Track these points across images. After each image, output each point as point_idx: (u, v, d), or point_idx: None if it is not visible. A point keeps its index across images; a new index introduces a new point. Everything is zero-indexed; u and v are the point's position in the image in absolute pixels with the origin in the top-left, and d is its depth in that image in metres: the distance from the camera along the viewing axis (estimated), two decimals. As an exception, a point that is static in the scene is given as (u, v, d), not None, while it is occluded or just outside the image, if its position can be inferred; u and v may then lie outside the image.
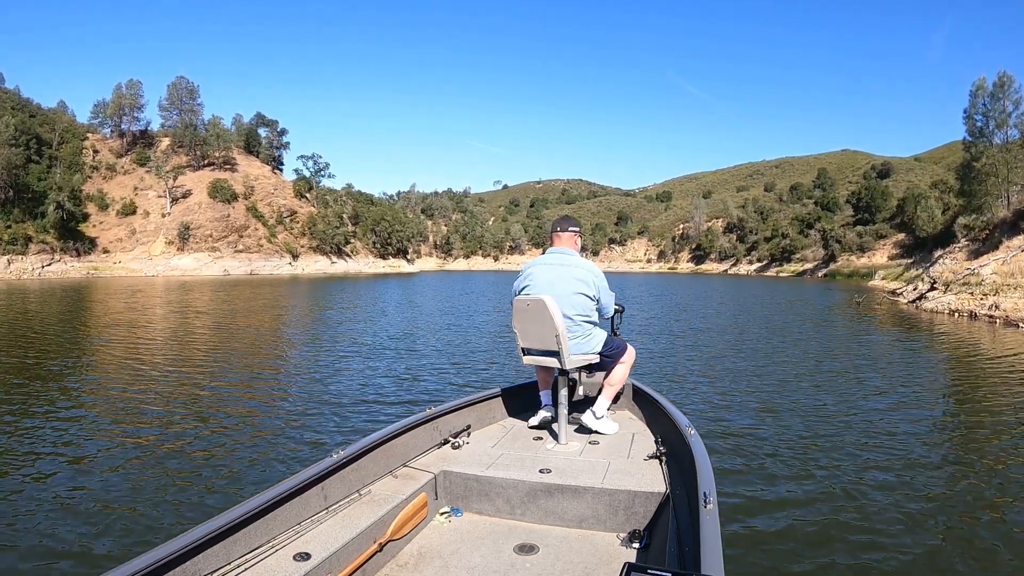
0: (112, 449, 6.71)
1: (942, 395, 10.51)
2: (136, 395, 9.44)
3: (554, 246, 4.38)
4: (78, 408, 8.61)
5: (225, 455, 6.54)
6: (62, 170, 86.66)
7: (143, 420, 8.00)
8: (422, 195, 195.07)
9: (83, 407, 8.68)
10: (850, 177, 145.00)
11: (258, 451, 6.67)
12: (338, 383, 10.55)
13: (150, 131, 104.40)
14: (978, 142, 53.11)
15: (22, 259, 71.21)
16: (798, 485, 5.79)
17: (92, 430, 7.45)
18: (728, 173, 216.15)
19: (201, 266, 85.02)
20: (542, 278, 4.22)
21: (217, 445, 6.90)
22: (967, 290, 27.52)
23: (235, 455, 6.54)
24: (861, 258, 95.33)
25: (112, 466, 6.12)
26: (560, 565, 2.88)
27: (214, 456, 6.50)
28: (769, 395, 9.78)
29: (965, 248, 41.24)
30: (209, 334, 17.97)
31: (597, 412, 4.28)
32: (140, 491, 5.49)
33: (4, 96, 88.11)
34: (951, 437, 7.73)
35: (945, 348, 16.10)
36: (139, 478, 5.81)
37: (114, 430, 7.48)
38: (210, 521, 2.39)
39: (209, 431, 7.50)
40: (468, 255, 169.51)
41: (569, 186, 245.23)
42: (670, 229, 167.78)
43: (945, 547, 4.62)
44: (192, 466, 6.18)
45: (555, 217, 4.74)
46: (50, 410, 8.38)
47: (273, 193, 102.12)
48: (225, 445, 6.90)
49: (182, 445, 6.87)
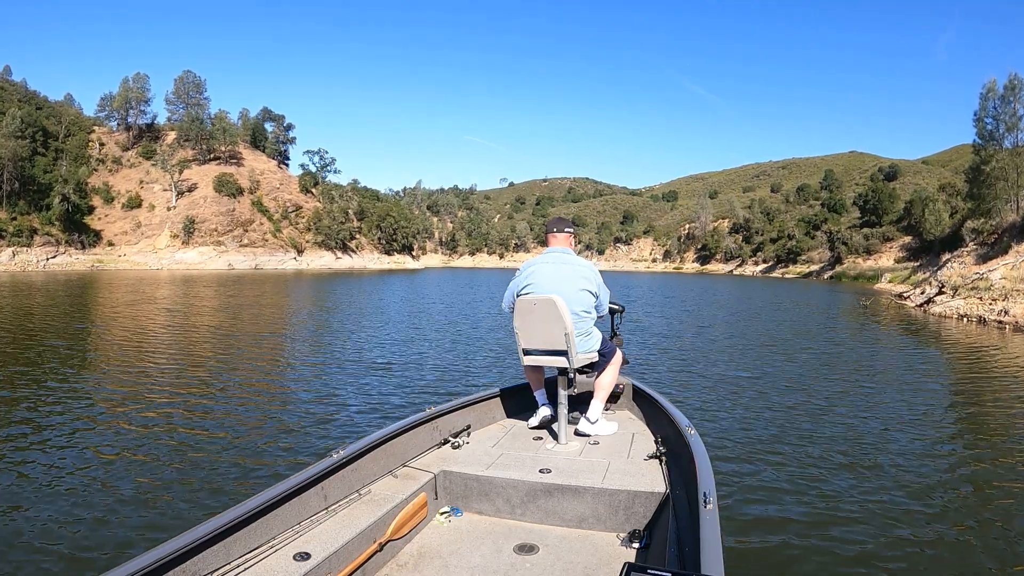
0: (113, 444, 6.70)
1: (949, 401, 10.39)
2: (137, 390, 9.47)
3: (551, 246, 4.41)
4: (80, 399, 8.61)
5: (226, 455, 6.53)
6: (68, 162, 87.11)
7: (144, 415, 7.99)
8: (428, 192, 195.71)
9: (86, 399, 8.68)
10: (857, 179, 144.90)
11: (259, 451, 6.65)
12: (340, 382, 10.56)
13: (156, 125, 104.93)
14: (988, 145, 52.98)
15: (27, 251, 71.54)
16: (799, 485, 5.76)
17: (94, 423, 7.46)
18: (734, 173, 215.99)
19: (206, 260, 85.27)
20: (546, 276, 4.23)
21: (218, 445, 6.89)
22: (976, 295, 27.42)
23: (236, 454, 6.53)
24: (867, 260, 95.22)
25: (113, 461, 6.12)
26: (560, 565, 2.88)
27: (214, 456, 6.48)
28: (771, 396, 9.74)
29: (973, 252, 41.17)
30: (211, 330, 17.99)
31: (591, 417, 4.28)
32: (140, 489, 5.48)
33: (11, 88, 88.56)
34: (957, 443, 7.68)
35: (954, 354, 16.03)
36: (140, 477, 5.80)
37: (116, 424, 7.48)
38: (210, 521, 2.37)
39: (211, 429, 7.50)
40: (473, 252, 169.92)
41: (575, 184, 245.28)
42: (676, 229, 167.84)
43: (946, 548, 4.59)
44: (193, 466, 6.16)
45: (551, 218, 4.77)
46: (53, 402, 8.39)
47: (279, 188, 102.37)
48: (226, 445, 6.89)
49: (183, 444, 6.86)
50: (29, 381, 9.78)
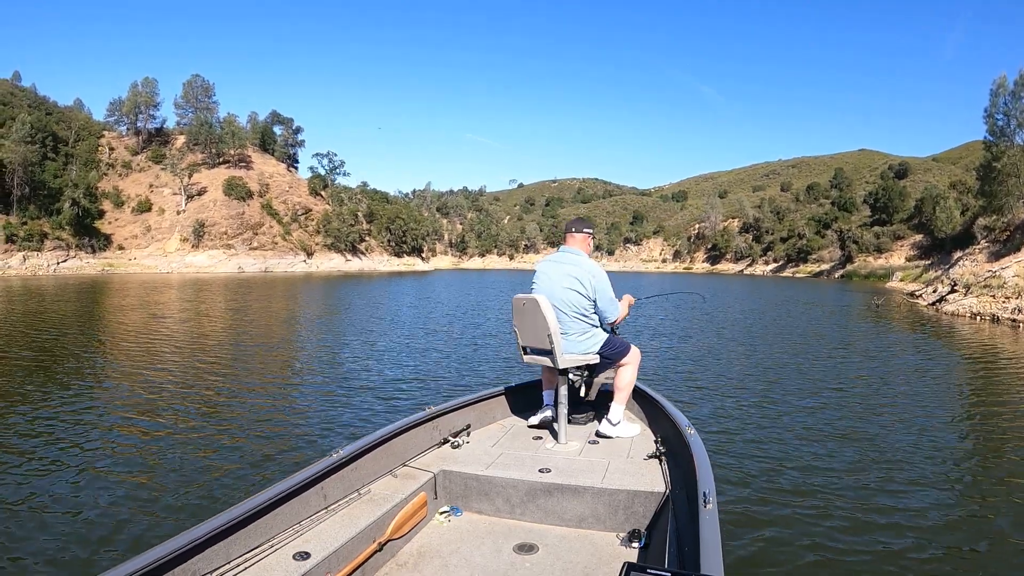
0: (121, 446, 6.75)
1: (960, 401, 10.24)
2: (145, 392, 9.50)
3: (565, 245, 4.44)
4: (91, 401, 8.67)
5: (227, 455, 6.58)
6: (78, 167, 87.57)
7: (151, 416, 8.04)
8: (437, 193, 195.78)
9: (97, 401, 8.73)
10: (867, 177, 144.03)
11: (259, 451, 6.68)
12: (344, 381, 10.56)
13: (165, 129, 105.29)
14: (999, 141, 52.49)
15: (37, 255, 71.85)
16: (799, 485, 5.72)
17: (104, 425, 7.52)
18: (744, 173, 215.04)
19: (215, 263, 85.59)
20: (545, 275, 4.32)
21: (220, 445, 6.93)
22: (988, 292, 27.19)
23: (237, 455, 6.57)
24: (878, 259, 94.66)
25: (118, 462, 6.17)
26: (560, 565, 2.88)
27: (215, 457, 6.52)
28: (773, 395, 9.66)
29: (985, 249, 40.76)
30: (220, 333, 18.06)
31: (613, 419, 4.27)
32: (143, 489, 5.50)
33: (20, 94, 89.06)
34: (967, 444, 7.58)
35: (966, 353, 15.85)
36: (142, 478, 5.83)
37: (123, 426, 7.54)
38: (210, 520, 2.39)
39: (213, 429, 7.55)
40: (483, 254, 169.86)
41: (584, 185, 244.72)
42: (685, 229, 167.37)
43: (951, 551, 4.52)
44: (193, 466, 6.19)
45: (571, 217, 4.78)
46: (63, 405, 8.44)
47: (288, 191, 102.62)
48: (227, 446, 6.92)
49: (186, 444, 6.91)
50: (38, 382, 9.85)
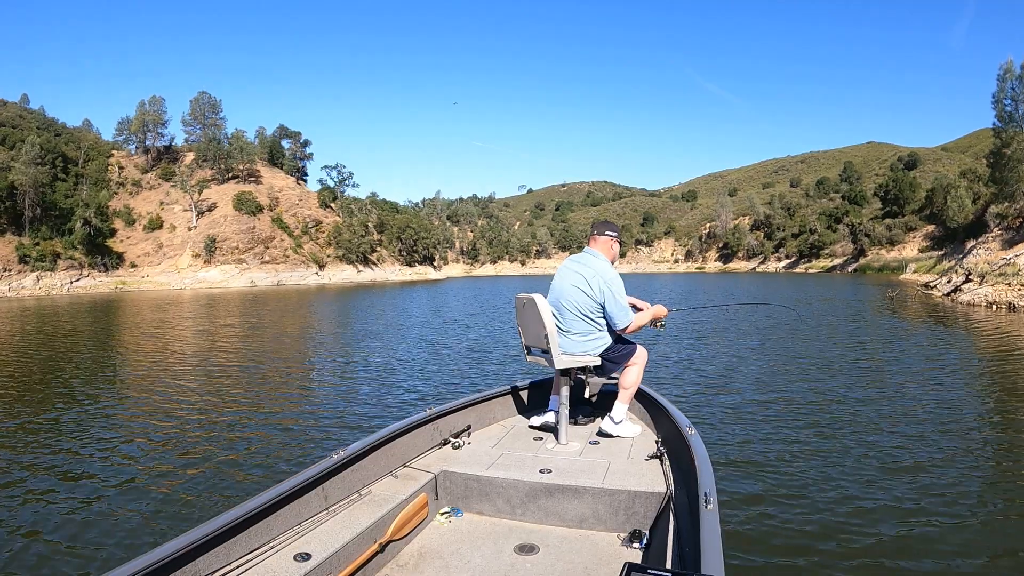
0: (128, 453, 6.78)
1: (976, 395, 9.89)
2: (159, 406, 9.55)
3: (588, 247, 4.44)
4: (109, 410, 8.71)
5: (230, 457, 6.67)
6: (88, 187, 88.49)
7: (162, 419, 8.07)
8: (447, 201, 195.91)
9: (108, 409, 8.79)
10: (876, 169, 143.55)
11: (260, 452, 6.79)
12: (351, 385, 10.57)
13: (174, 146, 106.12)
14: (1008, 127, 52.13)
15: (51, 275, 72.54)
16: (800, 485, 5.65)
17: (121, 432, 7.56)
18: (753, 170, 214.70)
19: (228, 278, 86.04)
20: (560, 274, 4.36)
21: (223, 447, 7.02)
22: (1004, 280, 26.92)
23: (240, 457, 6.66)
24: (891, 251, 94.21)
25: (124, 470, 6.18)
26: (560, 565, 2.88)
27: (216, 458, 6.60)
28: (775, 395, 9.47)
29: (999, 237, 40.51)
30: (230, 345, 18.11)
31: (616, 418, 4.26)
32: (147, 492, 5.54)
33: (29, 116, 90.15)
34: (985, 439, 7.28)
35: (984, 342, 15.62)
36: (145, 479, 5.86)
37: (137, 434, 7.56)
38: (210, 521, 2.40)
39: (216, 432, 7.67)
40: (495, 260, 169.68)
41: (594, 188, 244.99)
42: (696, 228, 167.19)
43: (956, 553, 4.43)
44: (195, 466, 6.29)
45: (592, 220, 4.75)
46: (80, 420, 8.50)
47: (298, 204, 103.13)
48: (230, 447, 7.02)
49: (192, 446, 6.97)
50: (54, 399, 9.93)
